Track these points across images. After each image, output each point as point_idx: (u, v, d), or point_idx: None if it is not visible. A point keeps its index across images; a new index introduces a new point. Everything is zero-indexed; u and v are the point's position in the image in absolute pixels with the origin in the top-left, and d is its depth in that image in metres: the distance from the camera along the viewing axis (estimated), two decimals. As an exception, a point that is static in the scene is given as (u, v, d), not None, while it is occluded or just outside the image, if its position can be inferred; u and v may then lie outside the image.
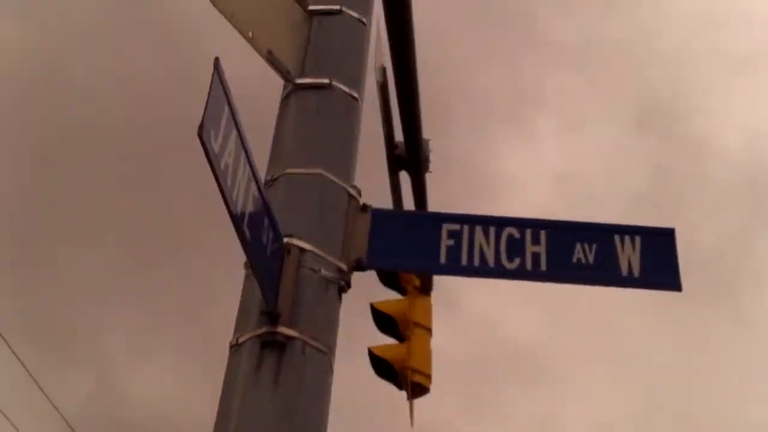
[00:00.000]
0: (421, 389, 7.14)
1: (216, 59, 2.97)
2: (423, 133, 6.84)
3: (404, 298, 7.44)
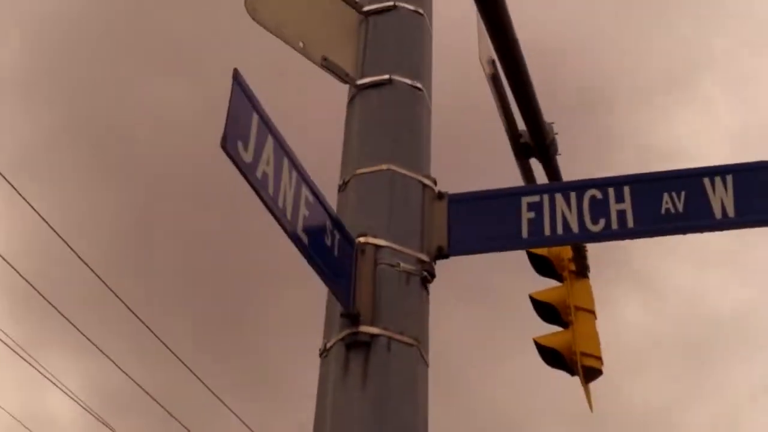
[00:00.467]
0: (594, 372, 7.02)
1: (235, 70, 2.98)
2: (552, 117, 6.71)
3: (562, 285, 7.35)
